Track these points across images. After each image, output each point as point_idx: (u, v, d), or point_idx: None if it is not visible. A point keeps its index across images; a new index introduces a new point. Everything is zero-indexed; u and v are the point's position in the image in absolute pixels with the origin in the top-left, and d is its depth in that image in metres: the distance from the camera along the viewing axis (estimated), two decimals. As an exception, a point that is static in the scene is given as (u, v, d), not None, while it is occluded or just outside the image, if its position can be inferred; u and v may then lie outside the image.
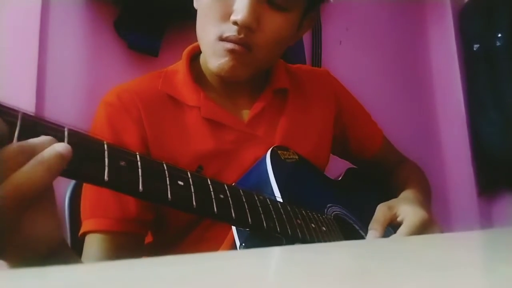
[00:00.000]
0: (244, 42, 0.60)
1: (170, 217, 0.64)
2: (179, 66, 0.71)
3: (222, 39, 0.60)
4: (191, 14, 0.68)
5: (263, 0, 0.61)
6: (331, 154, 0.82)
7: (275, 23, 0.62)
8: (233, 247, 0.54)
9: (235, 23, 0.59)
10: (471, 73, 1.59)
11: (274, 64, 0.75)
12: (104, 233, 0.58)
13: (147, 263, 0.26)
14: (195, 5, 0.68)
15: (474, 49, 1.56)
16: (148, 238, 0.67)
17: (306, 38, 1.41)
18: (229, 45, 0.60)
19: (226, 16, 0.60)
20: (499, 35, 1.47)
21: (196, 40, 0.69)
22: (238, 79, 0.65)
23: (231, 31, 0.60)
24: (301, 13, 0.67)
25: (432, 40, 1.75)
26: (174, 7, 1.12)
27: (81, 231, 0.59)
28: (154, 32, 1.16)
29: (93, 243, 0.58)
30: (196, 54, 0.73)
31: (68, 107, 1.04)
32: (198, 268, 0.24)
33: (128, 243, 0.59)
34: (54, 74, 1.07)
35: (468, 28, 1.62)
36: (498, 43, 1.48)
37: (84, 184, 0.62)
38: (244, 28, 0.59)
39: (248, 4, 0.58)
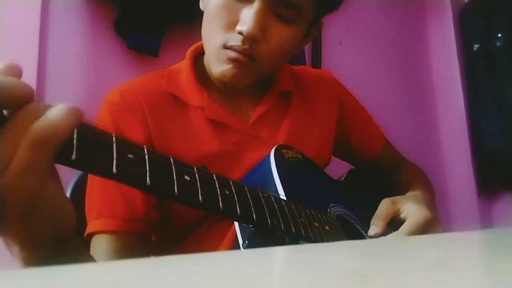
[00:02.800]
0: (248, 53, 0.60)
1: (174, 217, 0.64)
2: (183, 66, 0.71)
3: (226, 47, 0.60)
4: (191, 14, 0.68)
5: (270, 12, 0.60)
6: (332, 156, 0.82)
7: (281, 36, 0.61)
8: (234, 245, 0.54)
9: (240, 33, 0.59)
10: (471, 73, 1.59)
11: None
12: (112, 233, 0.57)
13: (149, 262, 0.26)
14: (201, 6, 0.67)
15: (474, 49, 1.56)
16: (151, 238, 0.67)
17: (306, 38, 1.41)
18: (233, 54, 0.60)
19: (232, 25, 0.60)
20: (499, 35, 1.47)
21: (198, 40, 0.68)
22: (240, 86, 0.65)
23: (235, 40, 0.59)
24: (308, 25, 0.66)
25: (432, 40, 1.75)
26: (174, 7, 1.12)
27: (87, 231, 0.59)
28: (154, 32, 1.16)
29: (100, 244, 0.58)
30: (199, 54, 0.72)
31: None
32: (200, 268, 0.24)
33: (135, 243, 0.59)
34: (54, 74, 1.07)
35: (468, 28, 1.62)
36: (498, 43, 1.48)
37: (89, 185, 0.62)
38: (249, 39, 0.59)
39: (255, 15, 0.58)
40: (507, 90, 1.46)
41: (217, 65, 0.62)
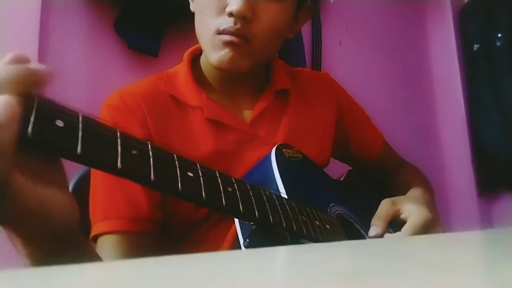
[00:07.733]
0: (241, 33, 0.61)
1: (175, 218, 0.64)
2: (180, 68, 0.71)
3: (219, 32, 0.61)
4: (191, 14, 0.69)
5: None
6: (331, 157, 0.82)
7: (271, 13, 0.63)
8: (235, 245, 0.54)
9: (230, 14, 0.60)
10: (471, 73, 1.59)
11: (274, 64, 0.76)
12: (118, 233, 0.58)
13: (149, 262, 0.26)
14: (192, 8, 0.69)
15: (474, 49, 1.56)
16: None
17: (306, 38, 1.41)
18: (227, 37, 0.61)
19: (221, 9, 0.61)
20: (499, 35, 1.47)
21: (197, 42, 0.69)
22: (239, 71, 0.64)
23: (227, 23, 0.60)
24: (296, 2, 0.68)
25: (432, 40, 1.75)
26: (174, 7, 1.12)
27: (93, 234, 0.59)
28: (154, 32, 1.15)
29: (107, 244, 0.58)
30: (196, 56, 0.73)
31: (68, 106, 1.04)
32: (200, 268, 0.24)
33: (142, 243, 0.59)
34: (54, 74, 1.07)
35: (468, 28, 1.62)
36: (498, 43, 1.48)
37: (92, 187, 0.62)
38: (240, 18, 0.60)
39: None
40: (507, 90, 1.46)
41: (214, 53, 0.63)
